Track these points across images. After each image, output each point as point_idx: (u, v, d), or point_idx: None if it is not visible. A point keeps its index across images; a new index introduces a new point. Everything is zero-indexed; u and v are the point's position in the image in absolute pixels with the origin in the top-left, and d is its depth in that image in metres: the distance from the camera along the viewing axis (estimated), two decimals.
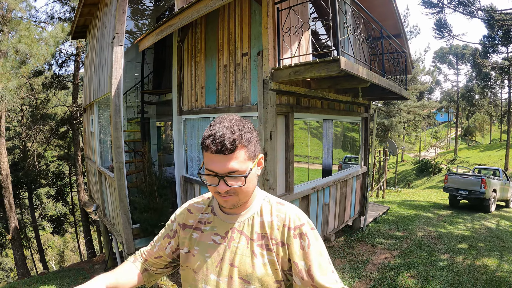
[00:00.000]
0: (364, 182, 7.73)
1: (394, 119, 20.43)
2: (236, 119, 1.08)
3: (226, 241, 1.17)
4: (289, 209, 1.17)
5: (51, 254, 24.80)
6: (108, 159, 7.86)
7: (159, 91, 7.75)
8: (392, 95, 6.51)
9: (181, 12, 4.60)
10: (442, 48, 45.27)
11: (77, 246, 22.58)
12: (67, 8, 14.12)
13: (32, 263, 19.34)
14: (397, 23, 7.23)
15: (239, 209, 1.18)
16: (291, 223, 1.13)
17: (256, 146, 1.10)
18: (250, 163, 1.08)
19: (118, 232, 6.50)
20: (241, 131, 1.05)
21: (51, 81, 13.73)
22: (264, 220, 1.16)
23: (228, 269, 1.14)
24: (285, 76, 4.15)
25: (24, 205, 18.43)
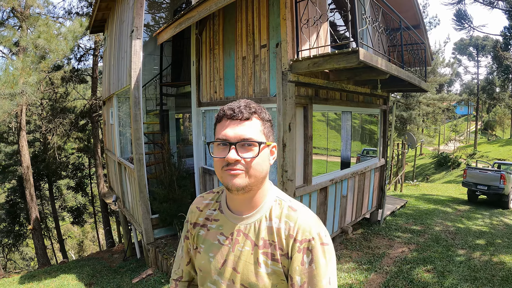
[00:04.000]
0: (382, 175, 7.66)
1: (413, 111, 20.11)
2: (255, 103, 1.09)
3: (230, 243, 1.10)
4: (301, 216, 1.05)
5: (71, 244, 25.48)
6: (127, 150, 8.00)
7: (178, 83, 7.82)
8: (411, 87, 6.41)
9: (199, 4, 4.61)
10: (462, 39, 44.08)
11: (96, 236, 23.12)
12: (84, 3, 14.33)
13: (52, 253, 19.89)
14: (416, 14, 7.08)
15: (246, 209, 1.10)
16: (299, 235, 1.02)
17: (271, 130, 1.07)
18: (264, 138, 1.03)
19: (137, 222, 6.63)
20: (259, 107, 1.07)
21: (70, 75, 13.99)
22: (272, 226, 1.06)
23: (230, 273, 1.08)
24: (304, 68, 4.14)
25: (44, 196, 18.91)
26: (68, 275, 7.75)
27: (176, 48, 8.24)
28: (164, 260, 5.69)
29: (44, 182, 17.83)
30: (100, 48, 13.63)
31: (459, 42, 44.29)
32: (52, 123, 13.51)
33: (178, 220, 5.81)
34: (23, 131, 11.93)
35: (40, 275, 8.14)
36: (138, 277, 6.02)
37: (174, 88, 8.30)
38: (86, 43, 14.45)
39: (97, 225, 20.94)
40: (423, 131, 26.77)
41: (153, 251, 6.05)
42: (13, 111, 10.66)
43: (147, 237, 6.11)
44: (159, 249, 5.95)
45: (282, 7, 4.31)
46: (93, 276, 7.44)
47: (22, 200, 16.27)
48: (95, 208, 20.06)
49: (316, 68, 4.00)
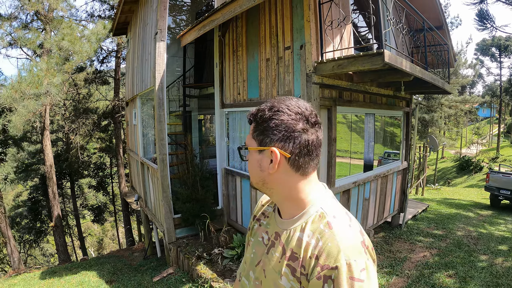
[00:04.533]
0: (405, 178, 7.55)
1: (435, 114, 19.75)
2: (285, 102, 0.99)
3: (268, 243, 1.08)
4: (333, 236, 0.91)
5: (91, 241, 25.97)
6: (150, 151, 8.12)
7: (201, 84, 7.90)
8: (434, 89, 6.30)
9: (224, 7, 4.65)
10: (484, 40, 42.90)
11: (115, 235, 23.55)
12: (106, 6, 14.61)
13: (72, 250, 20.35)
14: (438, 15, 6.97)
15: (285, 214, 1.05)
16: (322, 258, 0.89)
17: (272, 132, 0.97)
18: (254, 143, 1.01)
19: (159, 222, 6.71)
20: (268, 110, 0.98)
21: (93, 77, 14.31)
22: (302, 238, 0.96)
23: (260, 274, 1.07)
24: (328, 70, 4.13)
25: (66, 195, 19.36)
26: (89, 272, 7.89)
27: (198, 50, 8.33)
28: (185, 260, 5.73)
29: (66, 181, 18.27)
30: (123, 50, 13.87)
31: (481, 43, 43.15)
32: (75, 123, 13.84)
33: (200, 220, 5.86)
34: (46, 130, 12.25)
35: (61, 271, 8.30)
36: (159, 275, 6.09)
37: (197, 89, 8.40)
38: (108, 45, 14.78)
39: (117, 223, 21.32)
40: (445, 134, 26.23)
41: (175, 251, 6.12)
42: (37, 111, 10.95)
43: (169, 236, 6.17)
44: (180, 249, 6.01)
45: (306, 9, 4.32)
46: (113, 273, 7.56)
47: (44, 197, 16.71)
48: (116, 207, 20.44)
49: (341, 70, 3.99)
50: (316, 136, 0.99)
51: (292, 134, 0.95)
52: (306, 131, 0.96)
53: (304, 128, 0.96)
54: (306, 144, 0.96)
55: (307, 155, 0.98)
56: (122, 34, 11.00)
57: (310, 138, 0.97)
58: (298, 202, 1.01)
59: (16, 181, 18.09)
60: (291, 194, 1.02)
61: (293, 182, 1.00)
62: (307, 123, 0.96)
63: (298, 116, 0.96)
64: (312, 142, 0.97)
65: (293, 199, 1.02)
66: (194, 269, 5.34)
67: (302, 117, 0.96)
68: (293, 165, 0.98)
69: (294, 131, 0.95)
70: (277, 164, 0.98)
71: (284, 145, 0.96)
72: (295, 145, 0.96)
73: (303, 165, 0.98)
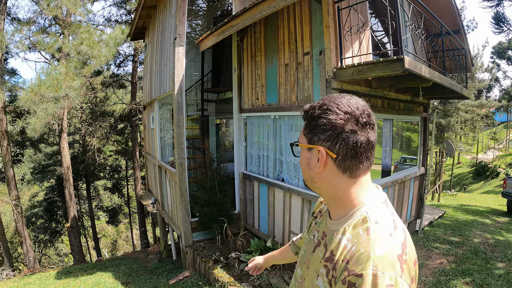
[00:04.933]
0: (422, 184, 7.46)
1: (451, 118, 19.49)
2: (336, 100, 0.97)
3: (316, 243, 1.08)
4: (368, 243, 0.87)
5: (105, 242, 26.26)
6: (166, 154, 8.19)
7: (219, 89, 7.98)
8: (452, 94, 6.23)
9: (243, 13, 4.69)
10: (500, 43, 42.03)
11: (129, 236, 23.78)
12: (123, 11, 14.87)
13: (87, 250, 20.62)
14: (455, 19, 6.89)
15: (333, 215, 1.05)
16: (351, 263, 0.86)
17: (320, 131, 0.96)
18: (304, 140, 1.02)
19: (176, 225, 6.76)
20: (318, 108, 0.98)
21: (110, 81, 14.53)
22: (341, 240, 0.94)
23: (305, 271, 1.09)
24: (348, 76, 4.13)
25: (82, 196, 19.67)
26: (104, 273, 7.96)
27: (216, 55, 8.41)
28: (202, 263, 5.76)
29: (82, 182, 18.56)
30: (140, 54, 14.08)
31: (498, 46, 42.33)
32: (92, 126, 14.07)
33: (217, 224, 5.89)
34: (64, 133, 12.48)
35: (76, 272, 8.39)
36: (175, 278, 6.13)
37: (214, 94, 8.47)
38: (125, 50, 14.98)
39: (132, 225, 21.54)
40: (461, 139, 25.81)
41: (191, 254, 6.15)
42: (57, 114, 11.16)
43: (186, 239, 6.21)
44: (197, 252, 6.04)
45: (325, 15, 4.32)
46: (129, 275, 7.63)
47: (60, 198, 17.01)
48: (131, 209, 20.66)
49: (360, 76, 3.98)
50: (367, 138, 0.95)
51: (340, 134, 0.93)
52: (355, 132, 0.93)
53: (352, 129, 0.93)
54: (354, 145, 0.93)
55: (355, 157, 0.95)
56: (140, 39, 11.15)
57: (359, 140, 0.94)
58: (345, 204, 1.00)
59: (32, 181, 18.44)
60: (338, 195, 1.01)
61: (340, 184, 0.99)
62: (357, 124, 0.94)
63: (347, 116, 0.93)
64: (361, 144, 0.94)
65: (340, 201, 1.01)
66: (211, 272, 5.36)
67: (352, 117, 0.93)
68: (340, 166, 0.96)
69: (342, 132, 0.93)
70: (323, 164, 0.97)
71: (331, 145, 0.95)
72: (342, 146, 0.94)
73: (350, 167, 0.96)
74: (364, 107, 0.97)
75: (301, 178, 5.00)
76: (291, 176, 5.25)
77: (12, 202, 10.64)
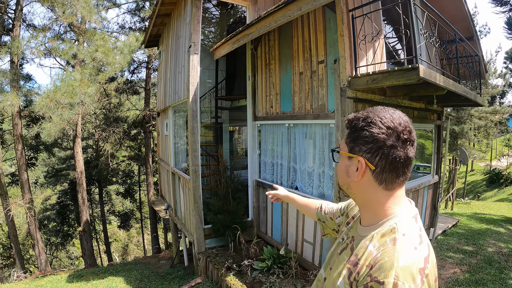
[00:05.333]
0: (436, 192, 7.38)
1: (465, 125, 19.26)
2: (380, 114, 1.00)
3: (344, 246, 1.12)
4: (393, 253, 0.90)
5: (115, 247, 26.43)
6: (179, 160, 8.25)
7: (233, 97, 8.04)
8: (466, 102, 6.19)
9: (258, 21, 4.72)
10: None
11: (141, 241, 23.92)
12: (137, 19, 15.10)
13: (98, 254, 20.78)
14: (469, 25, 6.84)
15: (363, 221, 1.09)
16: (374, 269, 0.90)
17: (362, 143, 1.00)
18: (345, 148, 1.06)
19: (189, 231, 6.79)
20: (362, 120, 1.01)
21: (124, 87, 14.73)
22: (368, 246, 0.98)
23: (328, 272, 1.12)
24: (363, 84, 4.13)
25: (94, 200, 19.88)
26: (116, 277, 8.01)
27: (230, 62, 8.47)
28: (215, 270, 5.77)
29: (95, 187, 18.76)
30: (153, 61, 14.25)
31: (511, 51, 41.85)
32: (106, 131, 14.25)
33: (230, 232, 5.90)
34: (78, 138, 12.67)
35: (88, 275, 8.44)
36: (187, 284, 6.14)
37: (228, 101, 8.53)
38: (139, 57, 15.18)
39: (143, 230, 21.67)
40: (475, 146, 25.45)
41: (204, 260, 6.16)
42: (72, 120, 11.34)
43: (199, 246, 6.23)
44: (210, 259, 6.05)
45: (339, 23, 4.33)
46: (141, 280, 7.66)
47: (73, 202, 17.22)
48: (142, 214, 20.80)
49: (375, 84, 3.97)
50: (405, 154, 0.98)
51: (380, 148, 0.97)
52: (395, 147, 0.96)
53: (393, 144, 0.96)
54: (393, 160, 0.96)
55: (393, 171, 0.98)
56: (154, 46, 11.30)
57: (398, 155, 0.96)
58: (377, 213, 1.03)
59: (45, 185, 18.72)
60: (371, 204, 1.05)
61: (375, 194, 1.02)
62: (398, 140, 0.96)
63: (390, 131, 0.96)
64: (400, 159, 0.97)
65: (372, 209, 1.05)
66: (223, 279, 5.36)
67: (394, 133, 0.96)
68: (377, 178, 1.00)
69: (383, 146, 0.96)
70: (361, 174, 1.01)
71: (371, 157, 0.99)
72: (381, 160, 0.97)
73: (386, 179, 0.99)
74: (406, 123, 1.00)
75: (315, 186, 5.00)
76: (305, 184, 5.25)
77: (25, 205, 10.80)
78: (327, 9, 4.71)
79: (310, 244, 5.11)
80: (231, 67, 8.39)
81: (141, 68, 15.49)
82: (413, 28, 3.55)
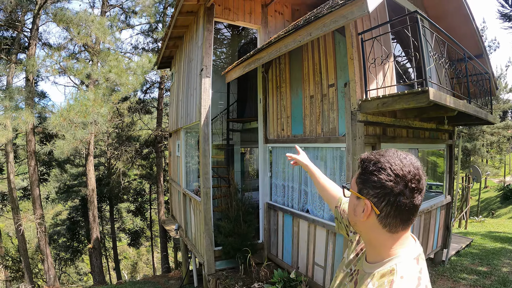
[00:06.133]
0: (448, 213, 7.27)
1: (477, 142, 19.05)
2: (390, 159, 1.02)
3: (349, 277, 1.17)
4: None
5: (124, 264, 26.40)
6: (190, 179, 8.29)
7: (244, 119, 8.14)
8: (478, 121, 6.16)
9: (269, 46, 4.80)
10: None
11: (150, 259, 23.85)
12: (150, 40, 15.48)
13: (107, 271, 20.75)
14: (478, 43, 6.84)
15: (370, 258, 1.12)
16: None
17: (370, 186, 1.02)
18: (355, 187, 1.08)
19: (199, 253, 6.78)
20: (372, 164, 1.03)
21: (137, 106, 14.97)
22: (368, 284, 1.03)
23: None
24: (373, 108, 4.15)
25: (104, 217, 19.99)
26: None
27: (241, 84, 8.59)
28: None
29: (105, 204, 18.89)
30: (166, 82, 14.50)
31: None
32: (118, 150, 14.43)
33: (241, 254, 5.88)
34: (90, 156, 12.85)
35: None
36: None
37: (239, 123, 8.63)
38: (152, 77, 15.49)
39: (153, 248, 21.63)
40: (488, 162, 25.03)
41: (214, 282, 6.13)
42: (84, 139, 11.52)
43: (209, 268, 6.21)
44: (220, 281, 6.02)
45: (349, 47, 4.39)
46: None
47: (83, 218, 17.33)
48: (153, 232, 20.81)
49: (385, 108, 4.00)
50: (412, 202, 0.99)
51: (387, 195, 0.99)
52: (402, 195, 0.98)
53: (400, 192, 0.98)
54: (398, 207, 0.98)
55: (397, 217, 1.00)
56: (166, 67, 11.52)
57: (404, 203, 0.98)
58: (380, 252, 1.06)
59: (56, 200, 18.90)
60: (374, 244, 1.08)
61: (379, 235, 1.05)
62: (405, 188, 0.98)
63: (398, 179, 0.98)
64: (405, 206, 0.99)
65: (375, 249, 1.08)
66: None
67: (402, 181, 0.98)
68: (381, 222, 1.02)
69: (390, 193, 0.98)
70: (367, 215, 1.04)
71: (377, 201, 1.01)
72: (387, 206, 0.99)
73: (391, 224, 1.02)
74: (416, 170, 1.02)
75: (326, 209, 4.99)
76: (316, 208, 5.24)
77: (36, 221, 10.91)
78: (336, 32, 4.79)
79: (321, 267, 5.06)
80: (242, 89, 8.50)
81: (153, 88, 15.78)
82: (422, 51, 3.59)
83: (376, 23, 4.87)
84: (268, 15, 6.92)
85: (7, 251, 16.41)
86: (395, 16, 5.76)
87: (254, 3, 6.78)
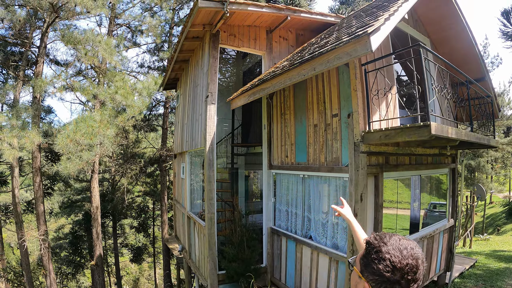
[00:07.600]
0: (451, 236, 7.27)
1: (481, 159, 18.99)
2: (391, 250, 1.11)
3: None
4: None
5: (126, 279, 26.22)
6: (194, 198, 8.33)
7: (249, 144, 8.25)
8: (480, 146, 6.23)
9: (274, 77, 4.90)
10: None
11: (152, 275, 23.71)
12: (156, 58, 15.71)
13: (108, 285, 20.63)
14: (480, 66, 6.93)
15: None
16: None
17: (369, 271, 1.12)
18: (358, 266, 1.20)
19: (203, 276, 6.81)
20: (374, 252, 1.14)
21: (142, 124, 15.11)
22: None
23: None
24: (376, 139, 4.23)
25: (107, 233, 19.98)
26: None
27: (246, 109, 8.71)
28: None
29: (109, 220, 18.90)
30: (171, 101, 14.67)
31: None
32: (123, 167, 14.54)
33: (244, 279, 5.92)
34: (95, 173, 12.95)
35: None
36: None
37: (243, 147, 8.74)
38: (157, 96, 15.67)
39: (155, 265, 21.54)
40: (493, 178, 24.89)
41: None
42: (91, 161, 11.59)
43: None
44: None
45: (353, 78, 4.48)
46: None
47: (86, 233, 17.32)
48: (155, 249, 20.76)
49: (388, 140, 4.08)
50: None
51: (384, 283, 1.08)
52: (399, 284, 1.07)
53: (396, 282, 1.07)
54: None
55: None
56: (172, 89, 11.70)
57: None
58: None
59: (60, 214, 18.92)
60: None
61: None
62: (402, 279, 1.08)
63: (395, 271, 1.07)
64: None
65: None
66: None
67: (399, 273, 1.07)
68: None
69: (386, 282, 1.08)
70: None
71: (374, 286, 1.10)
72: None
73: None
74: (414, 262, 1.11)
75: (329, 237, 5.04)
76: (319, 234, 5.29)
77: (40, 237, 10.93)
78: None
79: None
80: (246, 114, 8.62)
81: (159, 107, 15.98)
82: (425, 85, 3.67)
83: (379, 52, 4.98)
84: (273, 40, 7.04)
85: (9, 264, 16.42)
86: (398, 42, 5.91)
87: (259, 29, 6.91)
